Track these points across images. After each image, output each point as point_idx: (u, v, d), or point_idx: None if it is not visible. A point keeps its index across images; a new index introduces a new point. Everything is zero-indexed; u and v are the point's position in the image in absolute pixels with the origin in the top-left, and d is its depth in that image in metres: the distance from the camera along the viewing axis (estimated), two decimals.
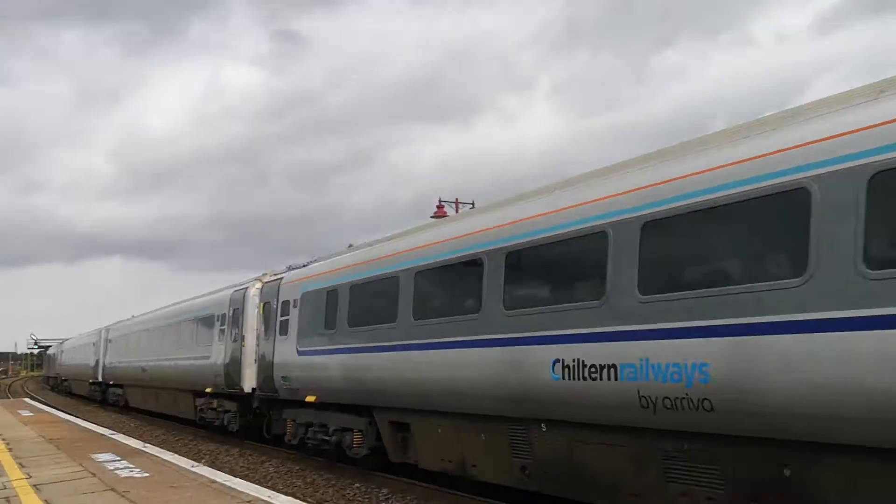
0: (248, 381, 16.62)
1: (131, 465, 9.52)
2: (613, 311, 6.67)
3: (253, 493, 7.35)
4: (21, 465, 9.99)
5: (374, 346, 10.97)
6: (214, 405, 19.11)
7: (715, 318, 5.78)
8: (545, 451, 7.98)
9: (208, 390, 18.96)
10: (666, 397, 6.09)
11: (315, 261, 14.96)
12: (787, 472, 5.63)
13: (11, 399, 37.69)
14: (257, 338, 16.44)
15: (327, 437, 13.27)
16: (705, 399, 5.79)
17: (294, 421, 14.67)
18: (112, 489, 7.81)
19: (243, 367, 16.88)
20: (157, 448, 12.16)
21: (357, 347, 11.55)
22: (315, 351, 13.34)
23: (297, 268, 15.54)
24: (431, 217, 28.05)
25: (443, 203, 28.54)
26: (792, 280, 5.39)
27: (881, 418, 4.84)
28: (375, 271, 11.39)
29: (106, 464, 9.80)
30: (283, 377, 14.54)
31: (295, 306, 14.56)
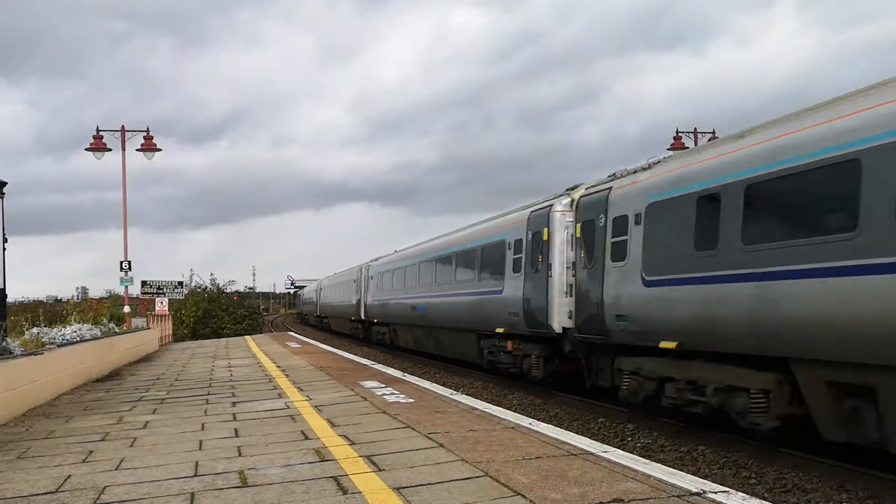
0: (558, 320, 14.21)
1: (396, 392, 10.21)
2: None
3: (514, 420, 7.56)
4: (300, 389, 11.09)
5: (806, 271, 7.85)
6: (509, 348, 16.80)
7: None
8: None
9: (499, 330, 16.82)
10: None
11: (658, 162, 11.67)
12: None
13: (276, 333, 41.98)
14: (571, 266, 13.83)
15: (702, 398, 10.14)
16: None
17: (636, 373, 11.67)
18: (384, 412, 8.42)
19: (550, 303, 14.42)
20: (416, 377, 12.92)
21: (766, 273, 8.39)
22: (677, 280, 10.11)
23: (625, 175, 12.30)
24: (668, 149, 26.86)
25: (680, 134, 27.17)
26: None
27: None
28: (803, 158, 8.08)
29: (374, 390, 10.60)
30: (617, 315, 11.61)
31: (637, 223, 11.32)
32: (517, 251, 15.96)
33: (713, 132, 27.13)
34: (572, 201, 13.93)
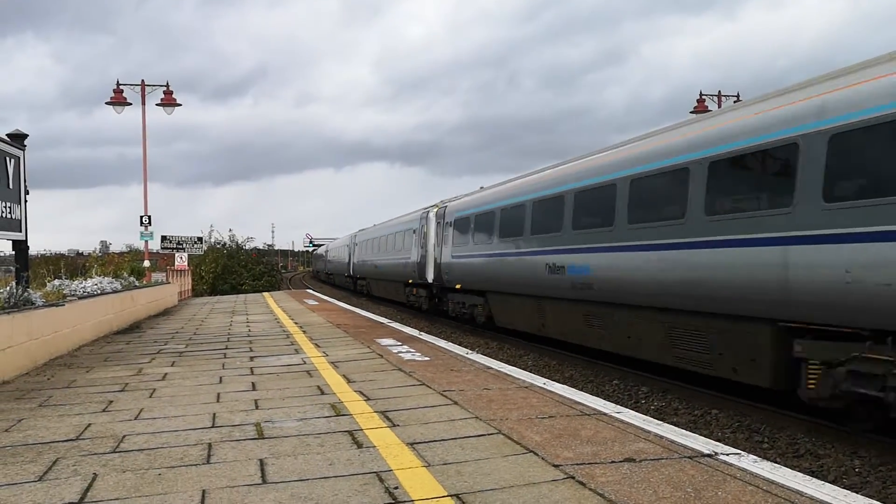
0: (430, 275, 24.11)
1: (412, 350, 10.28)
2: None
3: (528, 380, 7.60)
4: (317, 346, 11.19)
5: (501, 253, 17.68)
6: (415, 292, 27.01)
7: None
8: None
9: (409, 281, 27.31)
10: None
11: (457, 197, 23.03)
12: None
13: (293, 290, 42.28)
14: (434, 246, 23.82)
15: (465, 310, 20.97)
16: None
17: (451, 301, 22.28)
18: (399, 369, 8.49)
19: (427, 266, 24.42)
20: (432, 336, 12.99)
21: (483, 253, 18.84)
22: (462, 255, 20.66)
23: (452, 200, 23.12)
24: (691, 113, 26.50)
25: (704, 97, 26.75)
26: None
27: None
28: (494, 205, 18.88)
29: (390, 347, 10.68)
30: (444, 273, 22.34)
31: (450, 226, 21.93)
32: (415, 234, 26.25)
33: (737, 95, 26.71)
34: (436, 209, 24.25)
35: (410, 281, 27.05)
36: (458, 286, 20.98)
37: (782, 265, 8.51)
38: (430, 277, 24.25)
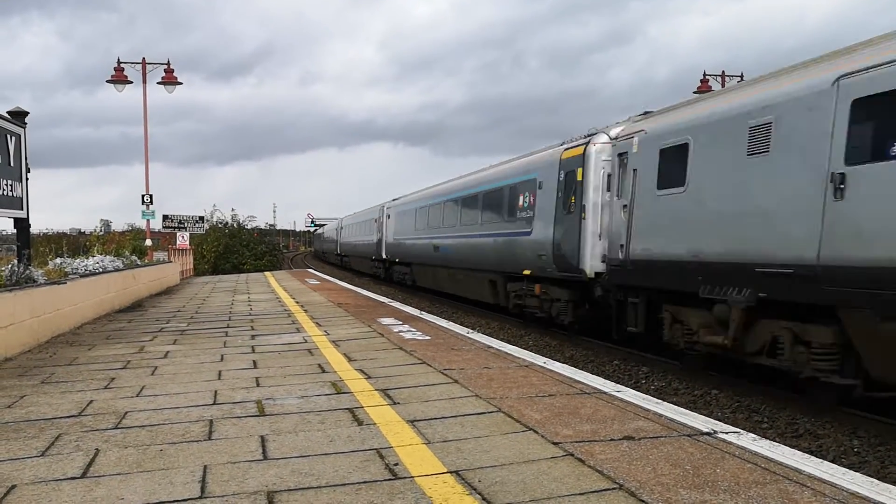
0: (383, 253, 22.47)
1: (413, 329, 10.30)
2: None
3: (529, 359, 7.62)
4: (318, 325, 11.22)
5: (415, 238, 27.35)
6: (377, 265, 24.36)
7: None
8: None
9: (373, 257, 27.94)
10: None
11: (399, 197, 27.10)
12: None
13: (295, 270, 42.33)
14: (384, 231, 22.54)
15: (402, 277, 29.00)
16: None
17: (395, 271, 28.77)
18: (400, 348, 8.51)
19: (382, 246, 21.52)
20: (433, 316, 13.01)
21: (407, 238, 27.53)
22: (398, 239, 28.60)
23: (396, 199, 24.45)
24: (694, 93, 26.35)
25: (707, 77, 26.59)
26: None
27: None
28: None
29: (391, 326, 10.70)
30: (390, 251, 27.54)
31: (390, 218, 22.92)
32: (377, 223, 27.03)
33: (741, 76, 26.55)
34: (387, 205, 26.66)
35: (374, 257, 34.88)
36: (397, 260, 30.19)
37: (494, 247, 18.36)
38: (383, 255, 32.04)
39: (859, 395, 8.47)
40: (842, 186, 7.46)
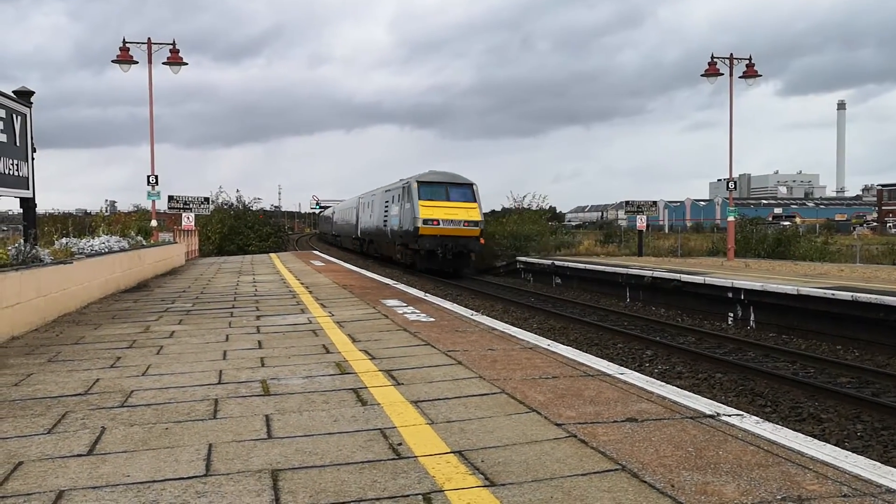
0: (359, 233, 44.38)
1: (417, 311, 10.32)
2: None
3: (533, 341, 7.63)
4: (323, 306, 11.24)
5: (365, 222, 45.27)
6: (356, 242, 45.50)
7: None
8: None
9: (353, 236, 46.67)
10: None
11: (366, 193, 44.34)
12: None
13: (299, 251, 42.40)
14: (358, 216, 45.13)
15: (366, 249, 43.13)
16: None
17: (363, 245, 43.80)
18: (404, 329, 8.53)
19: (357, 227, 44.75)
20: (437, 297, 13.03)
21: (363, 222, 45.54)
22: (362, 223, 45.06)
23: (366, 193, 44.05)
24: (701, 76, 26.17)
25: (716, 60, 26.36)
26: None
27: None
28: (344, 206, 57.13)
29: (395, 308, 10.72)
30: (361, 231, 44.58)
31: (355, 208, 47.58)
32: (356, 210, 45.66)
33: (749, 58, 26.34)
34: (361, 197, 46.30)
35: (354, 236, 47.93)
36: (362, 237, 44.54)
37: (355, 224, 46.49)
38: (358, 234, 45.67)
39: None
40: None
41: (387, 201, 35.48)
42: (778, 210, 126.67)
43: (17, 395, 5.39)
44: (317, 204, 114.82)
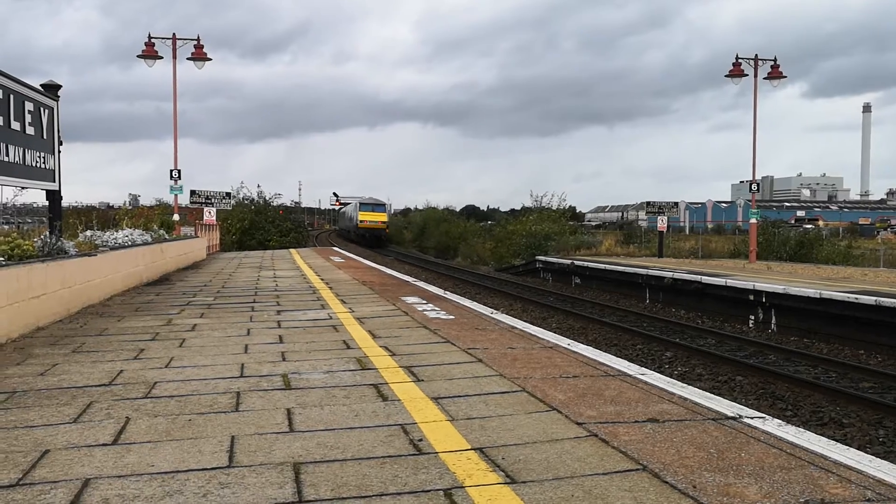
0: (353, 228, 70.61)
1: (437, 308, 10.33)
2: None
3: (553, 340, 7.62)
4: (343, 302, 11.29)
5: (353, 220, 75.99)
6: (352, 235, 68.37)
7: None
8: None
9: (348, 229, 71.13)
10: None
11: (359, 198, 73.98)
12: None
13: (319, 247, 42.57)
14: (351, 216, 72.48)
15: (357, 239, 67.19)
16: None
17: (354, 236, 68.94)
18: (424, 327, 8.55)
19: (351, 224, 69.92)
20: (457, 295, 13.04)
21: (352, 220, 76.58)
22: (352, 220, 71.70)
23: (360, 198, 72.75)
24: (725, 76, 26.00)
25: (741, 60, 26.14)
26: None
27: None
28: (343, 210, 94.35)
29: (415, 305, 10.74)
30: (353, 227, 68.83)
31: (348, 209, 78.82)
32: (350, 211, 76.12)
33: (774, 59, 26.11)
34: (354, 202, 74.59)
35: (349, 229, 65.81)
36: (355, 230, 67.24)
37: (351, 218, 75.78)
38: (352, 227, 65.81)
39: None
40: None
41: (352, 210, 71.67)
42: (801, 213, 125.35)
43: (42, 385, 5.47)
44: (337, 200, 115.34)
